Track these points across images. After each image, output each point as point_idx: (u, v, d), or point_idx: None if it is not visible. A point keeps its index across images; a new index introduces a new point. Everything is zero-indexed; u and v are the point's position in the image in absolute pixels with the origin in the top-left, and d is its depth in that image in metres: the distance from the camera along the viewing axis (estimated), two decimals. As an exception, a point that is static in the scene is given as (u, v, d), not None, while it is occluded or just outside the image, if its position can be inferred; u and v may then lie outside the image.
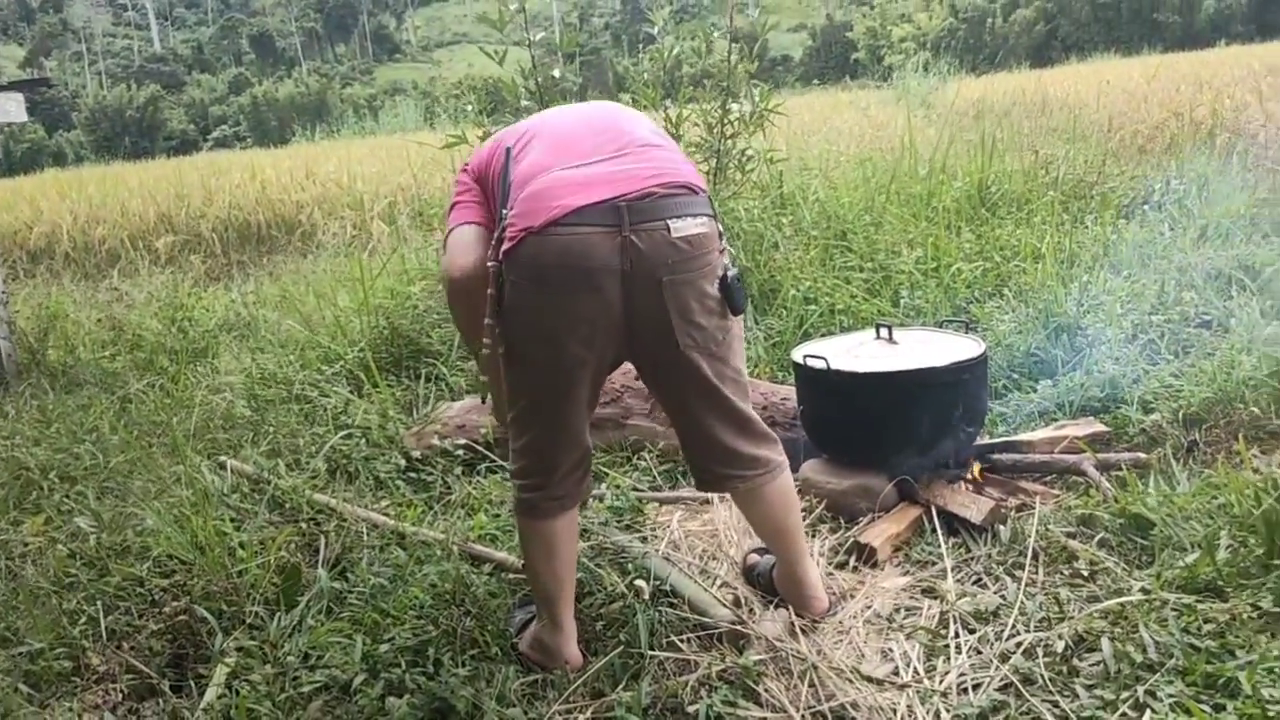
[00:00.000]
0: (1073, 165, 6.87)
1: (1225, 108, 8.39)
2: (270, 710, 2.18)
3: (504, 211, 2.11)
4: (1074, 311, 3.96)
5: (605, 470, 3.36)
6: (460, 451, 3.51)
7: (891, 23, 70.87)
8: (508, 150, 2.20)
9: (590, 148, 2.15)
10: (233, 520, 2.99)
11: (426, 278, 5.06)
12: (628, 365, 2.36)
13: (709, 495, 3.03)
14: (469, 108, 5.33)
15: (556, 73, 5.08)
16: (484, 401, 2.30)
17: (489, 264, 2.11)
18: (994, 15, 69.68)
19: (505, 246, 2.06)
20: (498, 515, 3.04)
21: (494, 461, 3.42)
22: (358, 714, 2.17)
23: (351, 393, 4.10)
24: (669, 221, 2.06)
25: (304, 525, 3.05)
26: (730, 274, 2.16)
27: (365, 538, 2.95)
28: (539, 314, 2.08)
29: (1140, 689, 1.93)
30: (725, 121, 5.14)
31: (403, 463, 3.51)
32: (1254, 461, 2.74)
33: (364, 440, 3.65)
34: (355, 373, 4.27)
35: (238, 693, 2.23)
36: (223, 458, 3.56)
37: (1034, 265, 4.69)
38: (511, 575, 2.71)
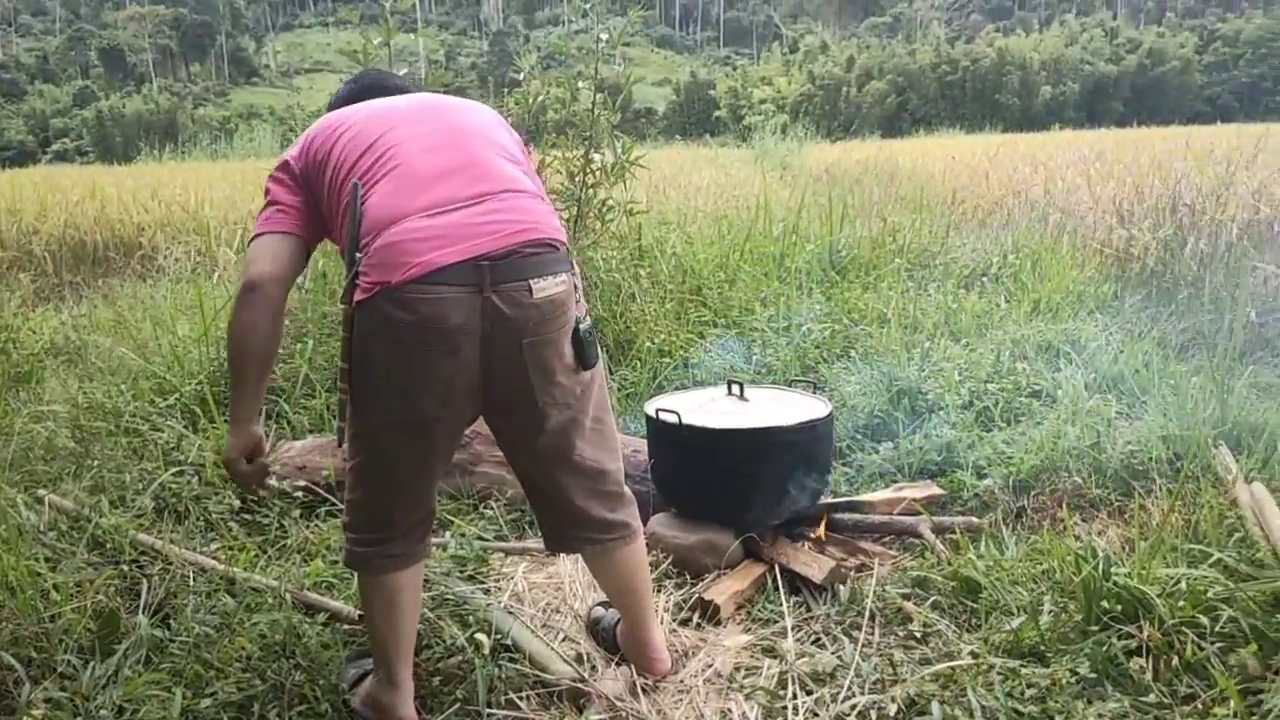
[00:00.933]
0: (918, 234, 7.16)
1: (1058, 188, 8.90)
2: (75, 769, 2.03)
3: (356, 255, 1.96)
4: (915, 376, 4.10)
5: (450, 518, 3.30)
6: (299, 493, 3.38)
7: (752, 84, 73.09)
8: (356, 185, 2.01)
9: (448, 190, 2.01)
10: (48, 560, 2.80)
11: (274, 310, 4.90)
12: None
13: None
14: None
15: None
16: (340, 445, 2.17)
17: (341, 304, 2.00)
18: (849, 85, 72.63)
19: (358, 296, 1.95)
20: (335, 561, 2.93)
21: (334, 505, 3.31)
22: (172, 774, 2.04)
23: (186, 427, 3.91)
24: (531, 282, 1.99)
25: (126, 567, 2.87)
26: (583, 327, 2.12)
27: (192, 583, 2.80)
28: (391, 369, 1.98)
29: (967, 752, 1.98)
30: (587, 170, 5.17)
31: (236, 503, 3.36)
32: (1075, 529, 2.88)
33: (196, 478, 3.48)
34: (191, 406, 4.09)
35: (41, 749, 2.08)
36: (41, 491, 3.34)
37: (880, 329, 4.85)
38: (347, 626, 2.61)
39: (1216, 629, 2.22)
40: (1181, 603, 2.27)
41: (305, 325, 4.57)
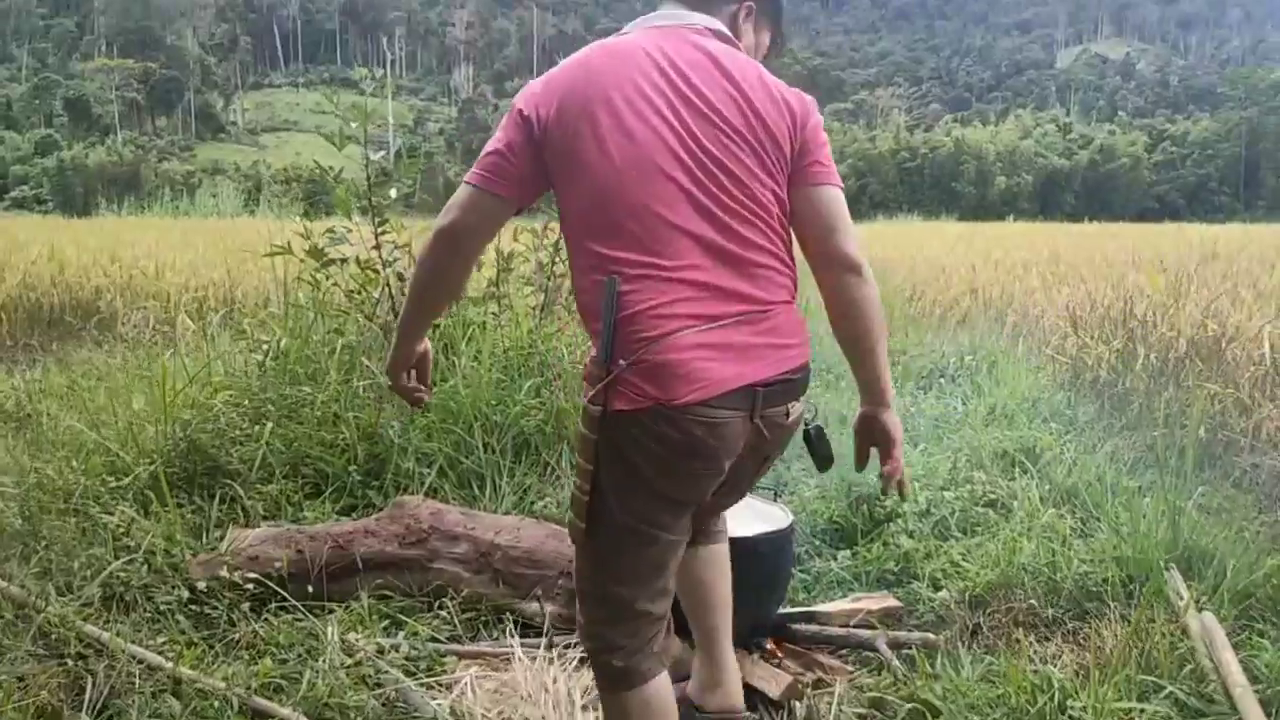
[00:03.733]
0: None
1: (1016, 290, 9.09)
2: None
3: (621, 363, 1.85)
4: (874, 483, 4.13)
5: (404, 616, 3.26)
6: (250, 586, 3.32)
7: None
8: (613, 281, 1.85)
9: (718, 300, 1.88)
10: (-9, 652, 2.73)
11: (232, 388, 4.85)
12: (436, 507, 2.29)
13: (509, 650, 2.99)
14: (296, 218, 5.22)
15: (394, 192, 5.06)
16: (578, 539, 2.04)
17: (588, 405, 1.90)
18: (811, 168, 73.87)
19: (622, 405, 1.85)
20: (285, 660, 2.88)
21: (284, 599, 3.25)
22: None
23: (138, 511, 3.84)
24: (789, 406, 1.99)
25: (70, 662, 2.80)
26: (812, 426, 2.16)
27: (138, 682, 2.73)
28: (650, 479, 1.92)
29: None
30: (556, 260, 5.21)
31: (186, 594, 3.29)
32: (1031, 652, 2.90)
33: (146, 566, 3.41)
34: (144, 490, 4.01)
35: None
36: (-12, 576, 3.25)
37: (840, 430, 4.88)
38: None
39: (1169, 767, 2.24)
40: (1135, 738, 2.29)
41: (264, 406, 4.53)
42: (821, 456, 2.17)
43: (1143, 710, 2.36)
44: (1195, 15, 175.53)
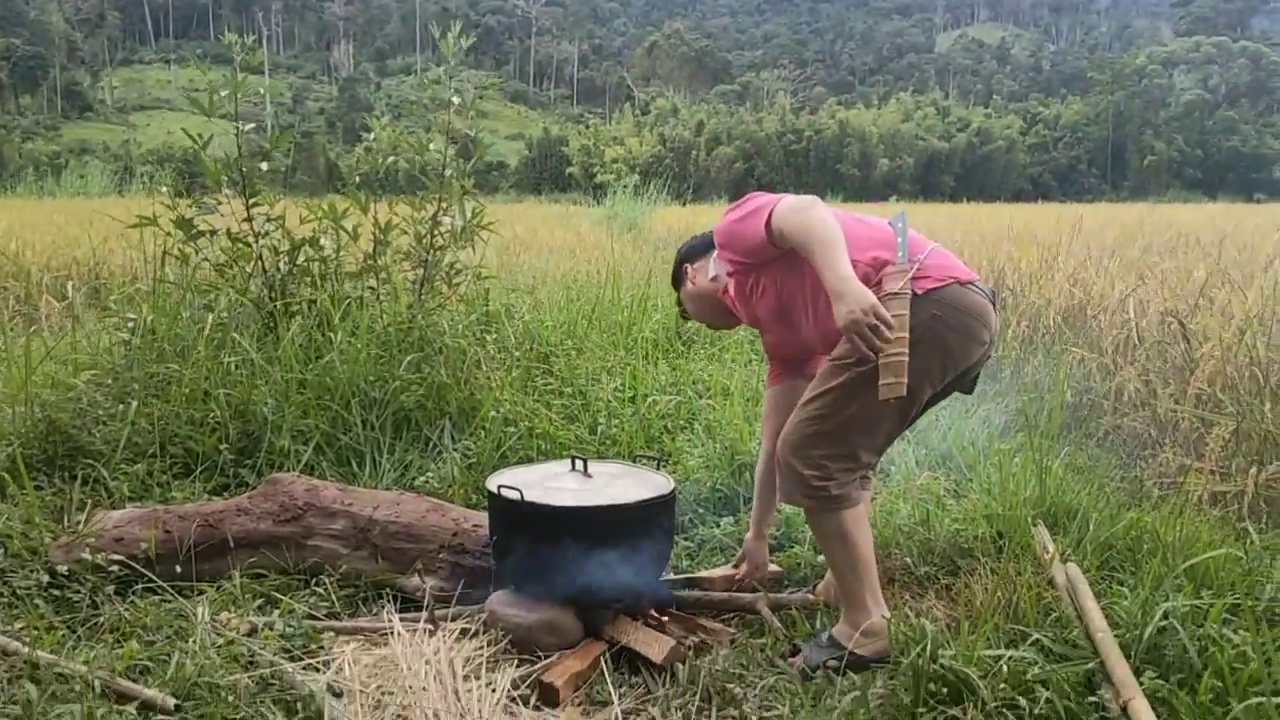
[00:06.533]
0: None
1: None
2: None
3: (919, 257, 2.61)
4: (757, 450, 4.18)
5: (279, 594, 3.17)
6: (115, 568, 3.19)
7: (605, 143, 74.13)
8: (903, 215, 2.68)
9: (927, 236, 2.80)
10: None
11: (96, 366, 4.65)
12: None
13: (388, 625, 2.94)
14: (164, 188, 5.00)
15: (264, 165, 4.90)
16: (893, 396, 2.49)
17: (897, 293, 2.51)
18: (698, 149, 74.47)
19: (928, 285, 2.57)
20: (152, 642, 2.78)
21: (151, 581, 3.13)
22: None
23: (-7, 494, 3.66)
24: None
25: (-82, 651, 2.65)
26: None
27: (-9, 668, 2.59)
28: (943, 346, 2.60)
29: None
30: (435, 233, 5.13)
31: (46, 578, 3.15)
32: (906, 608, 2.97)
33: (2, 550, 3.25)
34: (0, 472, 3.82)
35: None
36: None
37: (723, 402, 4.93)
38: (160, 717, 2.46)
39: (1034, 711, 2.31)
40: (1002, 684, 2.36)
41: (129, 385, 4.36)
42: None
43: (1010, 657, 2.42)
44: (1066, 1, 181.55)
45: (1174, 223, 12.51)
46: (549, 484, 3.09)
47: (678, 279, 3.27)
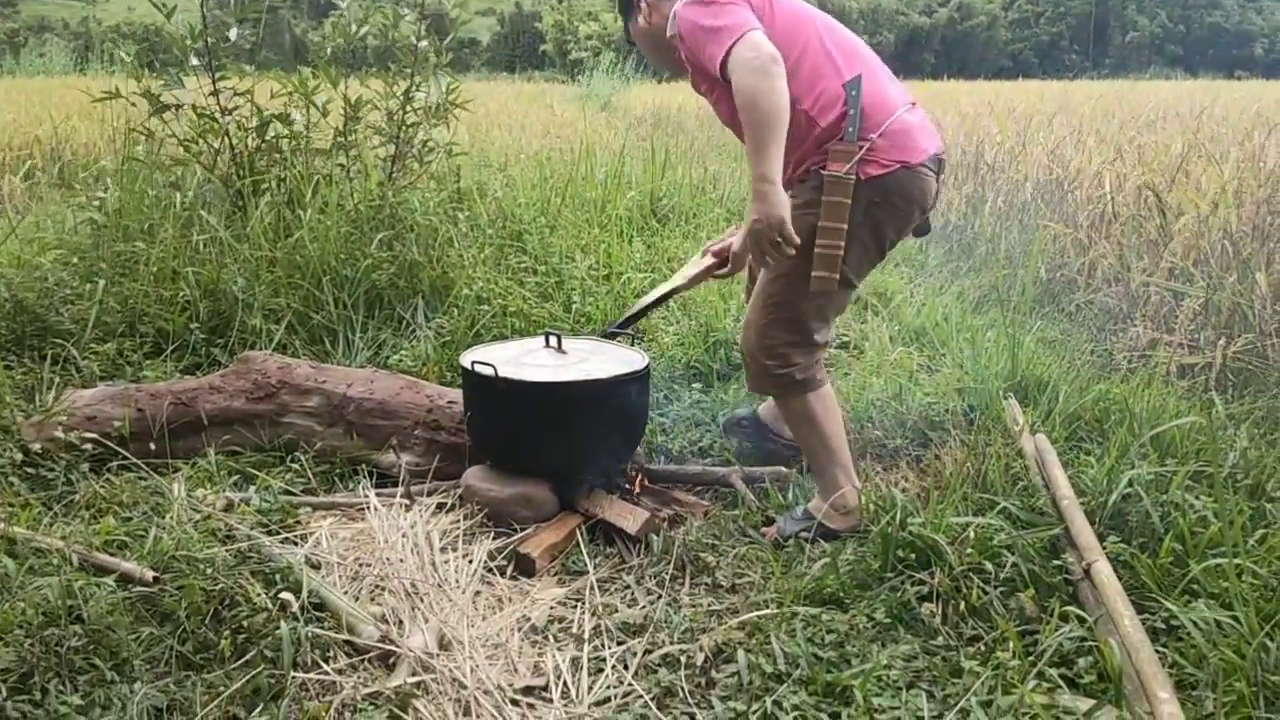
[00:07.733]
0: (738, 183, 7.26)
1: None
2: None
3: (864, 136, 2.50)
4: (731, 327, 4.18)
5: (255, 471, 3.18)
6: (88, 446, 3.18)
7: (579, 19, 72.18)
8: (859, 78, 2.52)
9: (899, 90, 2.67)
10: None
11: (62, 246, 4.57)
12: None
13: (364, 500, 2.96)
14: (126, 56, 4.83)
15: (232, 34, 4.73)
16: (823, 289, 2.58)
17: (842, 176, 2.47)
18: (675, 25, 72.58)
19: (873, 171, 2.49)
20: (129, 519, 2.79)
21: (126, 459, 3.13)
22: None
23: (-38, 375, 3.62)
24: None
25: (-108, 530, 2.65)
26: None
27: (-32, 545, 2.60)
28: (879, 234, 2.61)
29: (769, 699, 2.05)
30: (407, 109, 5.00)
31: (19, 456, 3.13)
32: (877, 479, 3.01)
33: (-24, 430, 3.23)
34: (-30, 352, 3.79)
35: None
36: None
37: (698, 278, 4.89)
38: (141, 589, 2.48)
39: (1000, 575, 2.36)
40: (969, 550, 2.41)
41: (96, 264, 4.29)
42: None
43: (977, 524, 2.47)
44: None
45: (1154, 99, 12.37)
46: (523, 360, 3.08)
47: (627, 5, 2.95)
